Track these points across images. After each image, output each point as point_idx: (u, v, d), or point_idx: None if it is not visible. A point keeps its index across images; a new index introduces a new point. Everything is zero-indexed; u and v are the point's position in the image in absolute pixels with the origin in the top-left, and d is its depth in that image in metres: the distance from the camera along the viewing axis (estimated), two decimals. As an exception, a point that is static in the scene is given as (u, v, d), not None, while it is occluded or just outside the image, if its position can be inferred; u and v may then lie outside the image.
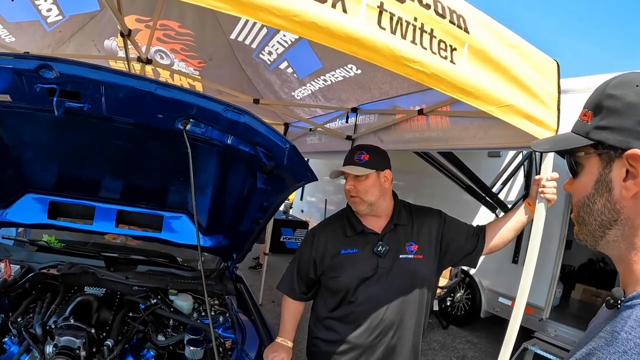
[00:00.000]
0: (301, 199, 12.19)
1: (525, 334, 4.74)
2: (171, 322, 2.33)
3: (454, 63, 1.41)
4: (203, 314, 2.47)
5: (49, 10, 3.56)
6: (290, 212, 12.19)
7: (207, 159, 2.19)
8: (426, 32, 1.36)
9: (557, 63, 1.89)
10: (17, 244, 2.99)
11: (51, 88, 1.54)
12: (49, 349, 1.82)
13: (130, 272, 2.67)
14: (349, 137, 4.05)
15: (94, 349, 1.90)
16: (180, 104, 1.63)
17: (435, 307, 6.34)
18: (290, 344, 2.09)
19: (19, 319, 2.11)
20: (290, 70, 3.59)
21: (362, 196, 1.94)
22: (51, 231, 3.07)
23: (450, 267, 5.83)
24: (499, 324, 5.21)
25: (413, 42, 1.32)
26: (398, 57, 1.31)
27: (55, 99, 1.55)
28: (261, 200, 2.24)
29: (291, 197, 16.02)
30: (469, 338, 5.96)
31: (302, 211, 11.68)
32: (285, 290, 2.16)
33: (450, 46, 1.41)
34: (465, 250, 2.05)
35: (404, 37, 1.31)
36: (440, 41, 1.39)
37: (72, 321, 1.90)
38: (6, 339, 1.98)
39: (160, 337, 2.15)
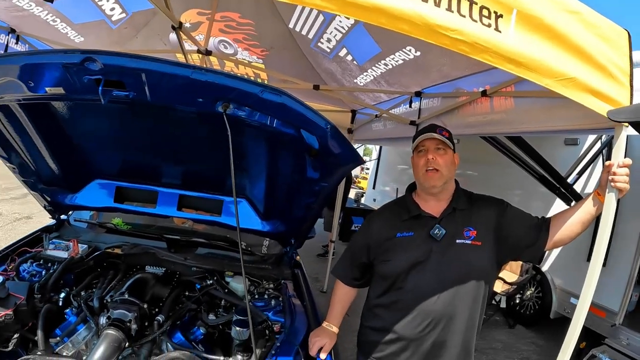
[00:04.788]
0: (373, 187, 12.08)
1: (596, 339, 4.36)
2: (223, 302, 2.39)
3: (499, 31, 1.28)
4: (257, 296, 2.51)
5: (112, 9, 3.79)
6: (362, 200, 12.15)
7: (256, 143, 2.20)
8: (464, -2, 1.25)
9: (629, 33, 1.63)
10: (87, 226, 3.20)
11: (98, 79, 1.61)
12: (102, 320, 1.93)
13: (190, 253, 2.77)
14: (412, 122, 3.95)
15: (146, 323, 1.99)
16: (217, 86, 1.63)
17: (503, 305, 6.03)
18: (335, 329, 2.06)
19: (82, 293, 2.28)
20: (349, 57, 3.55)
21: (442, 169, 1.85)
22: (119, 214, 3.25)
23: (521, 263, 5.57)
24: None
25: (449, 9, 1.22)
26: (431, 25, 1.21)
27: (100, 88, 1.62)
28: (312, 184, 2.21)
29: (364, 185, 16.00)
30: (534, 340, 5.60)
31: (375, 200, 11.52)
32: (337, 274, 2.15)
33: (495, 13, 1.29)
34: (527, 243, 1.87)
35: (437, 4, 1.21)
36: (482, 8, 1.27)
37: (126, 296, 2.01)
38: (67, 310, 2.16)
39: (211, 317, 2.22)
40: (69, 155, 2.57)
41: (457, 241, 1.84)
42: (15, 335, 1.91)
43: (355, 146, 15.13)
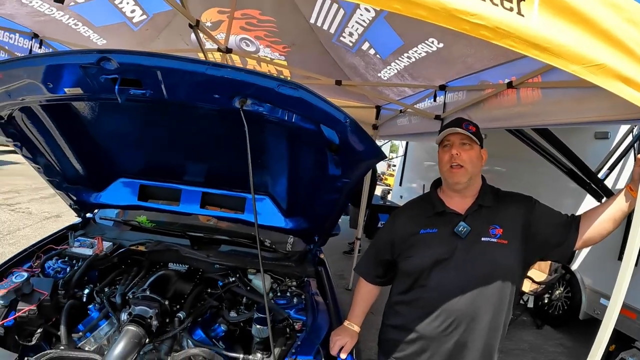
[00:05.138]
0: (400, 184, 11.96)
1: (626, 342, 4.18)
2: (244, 300, 2.38)
3: (522, 15, 1.21)
4: (279, 294, 2.49)
5: (133, 11, 3.84)
6: (389, 197, 12.05)
7: (276, 139, 2.18)
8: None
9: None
10: (113, 224, 3.26)
11: (114, 78, 1.61)
12: (123, 316, 1.96)
13: (213, 251, 2.78)
14: (437, 117, 3.86)
15: (167, 320, 1.99)
16: (232, 82, 1.61)
17: (531, 304, 5.87)
18: (356, 328, 2.02)
19: (105, 289, 2.31)
20: (372, 51, 3.50)
21: (466, 165, 1.79)
22: (143, 212, 3.29)
23: (550, 262, 5.40)
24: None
25: (466, -7, 1.15)
26: (450, 10, 1.15)
27: (117, 87, 1.62)
28: (334, 181, 2.17)
29: (391, 182, 15.92)
30: (562, 341, 5.42)
31: (401, 197, 11.36)
32: (360, 271, 2.11)
33: (517, -5, 1.21)
34: (555, 242, 1.78)
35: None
36: (503, -9, 1.20)
37: (148, 293, 2.03)
38: (90, 306, 2.19)
39: (233, 314, 2.21)
40: (92, 154, 2.61)
41: (483, 239, 1.77)
42: (39, 330, 1.94)
43: (381, 142, 15.07)
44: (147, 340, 1.80)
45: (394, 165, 16.95)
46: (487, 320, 1.77)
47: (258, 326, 1.93)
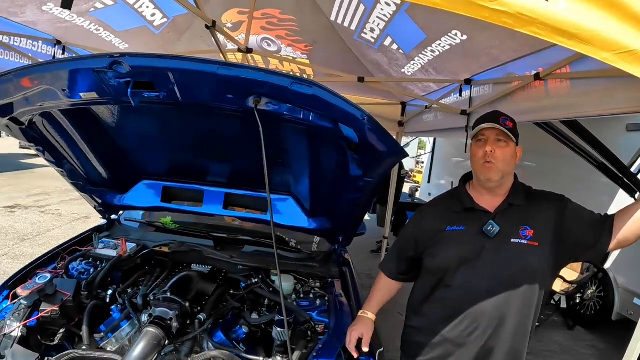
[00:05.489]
0: (428, 181, 11.78)
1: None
2: (266, 301, 2.34)
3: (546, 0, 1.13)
4: (302, 295, 2.45)
5: (153, 15, 3.85)
6: (417, 195, 11.92)
7: (296, 138, 2.14)
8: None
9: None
10: (137, 225, 3.29)
11: (128, 81, 1.61)
12: (144, 317, 1.96)
13: (236, 252, 2.76)
14: (463, 112, 3.74)
15: (188, 321, 1.98)
16: (245, 81, 1.58)
17: (563, 304, 5.68)
18: (370, 315, 1.95)
19: (128, 290, 2.32)
20: (395, 46, 3.42)
21: (499, 163, 1.69)
22: (168, 213, 3.30)
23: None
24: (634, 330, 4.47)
25: (485, -21, 1.08)
26: None
27: (129, 90, 1.62)
28: (356, 180, 2.12)
29: (419, 179, 15.77)
30: (594, 343, 5.20)
31: (430, 194, 11.14)
32: (383, 267, 2.05)
33: (541, -21, 1.14)
34: (588, 243, 1.68)
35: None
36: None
37: (168, 294, 2.02)
38: (113, 307, 2.20)
39: (254, 316, 2.18)
40: (115, 157, 2.63)
41: (512, 240, 1.69)
42: (61, 330, 1.97)
43: (408, 139, 14.90)
44: (167, 342, 1.80)
45: (423, 162, 16.75)
46: (514, 325, 1.70)
47: (278, 329, 1.90)
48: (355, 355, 1.81)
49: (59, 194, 10.22)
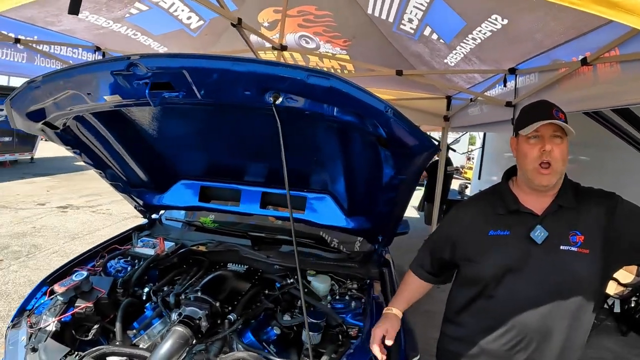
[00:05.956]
0: (479, 177, 11.39)
1: None
2: (299, 302, 2.28)
3: None
4: (337, 297, 2.38)
5: (189, 18, 3.89)
6: (467, 192, 11.61)
7: (325, 134, 2.08)
8: None
9: None
10: (178, 224, 3.36)
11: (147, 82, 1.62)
12: (174, 316, 1.95)
13: (273, 251, 2.74)
14: (509, 104, 3.54)
15: (219, 321, 1.96)
16: (260, 76, 1.54)
17: (617, 309, 5.31)
18: (395, 311, 1.81)
19: (164, 288, 2.34)
20: (435, 36, 3.29)
21: (557, 164, 1.51)
22: (207, 213, 3.35)
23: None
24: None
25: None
26: None
27: (147, 91, 1.61)
28: (389, 177, 2.03)
29: (470, 176, 15.35)
30: (650, 350, 4.80)
31: (480, 191, 10.89)
32: (413, 266, 1.90)
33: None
34: None
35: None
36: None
37: (199, 294, 2.00)
38: (147, 305, 2.22)
39: (286, 317, 2.13)
40: (151, 158, 2.67)
41: (561, 247, 1.51)
42: (95, 326, 2.00)
43: (457, 135, 14.46)
44: (195, 341, 1.78)
45: (474, 158, 16.24)
46: (560, 340, 1.53)
47: (309, 332, 1.83)
48: (379, 356, 1.67)
49: (109, 195, 10.61)
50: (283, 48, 3.63)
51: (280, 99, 1.56)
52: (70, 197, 10.33)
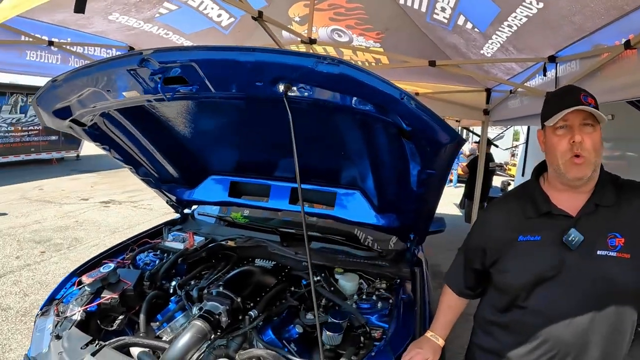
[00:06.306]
0: (523, 174, 10.95)
1: None
2: (323, 301, 2.24)
3: None
4: (364, 296, 2.31)
5: (219, 15, 3.88)
6: (509, 189, 11.25)
7: (350, 128, 2.01)
8: None
9: None
10: (209, 219, 3.39)
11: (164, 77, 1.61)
12: (195, 310, 1.95)
13: (302, 248, 2.67)
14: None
15: (240, 317, 1.94)
16: (268, 65, 1.48)
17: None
18: (440, 342, 1.71)
19: (191, 282, 2.36)
20: (469, 25, 3.14)
21: (590, 155, 1.36)
22: (240, 209, 3.38)
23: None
24: None
25: None
26: None
27: (159, 86, 1.61)
28: (417, 172, 1.93)
29: (514, 172, 14.85)
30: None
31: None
32: (448, 280, 1.77)
33: None
34: None
35: None
36: None
37: (221, 289, 1.99)
38: (173, 298, 2.24)
39: (309, 316, 2.08)
40: (180, 153, 2.69)
41: (599, 252, 1.36)
42: (120, 317, 2.04)
43: (499, 130, 13.94)
44: (212, 336, 1.77)
45: (518, 155, 15.70)
46: (598, 353, 1.39)
47: (329, 333, 1.78)
48: None
49: (151, 191, 10.97)
50: (312, 41, 3.57)
51: (293, 90, 1.51)
52: (113, 193, 10.74)
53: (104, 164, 15.93)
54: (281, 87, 1.50)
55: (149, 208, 9.14)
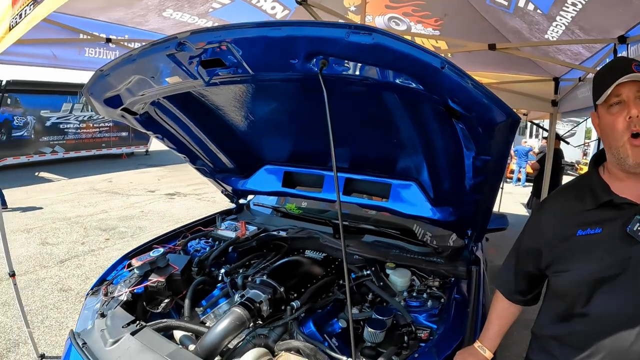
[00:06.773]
0: None
1: None
2: (370, 296, 2.16)
3: None
4: (414, 294, 2.18)
5: (273, 8, 3.85)
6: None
7: (398, 112, 1.90)
8: None
9: None
10: (263, 210, 3.42)
11: (202, 60, 1.59)
12: (236, 297, 1.95)
13: (354, 240, 2.64)
14: (621, 81, 2.98)
15: (282, 307, 1.91)
16: (298, 39, 1.40)
17: None
18: (488, 355, 1.55)
19: (240, 270, 2.37)
20: (531, 6, 2.89)
21: None
22: (294, 200, 3.37)
23: None
24: None
25: None
26: None
27: (196, 69, 1.59)
28: (472, 159, 1.78)
29: (585, 172, 13.81)
30: None
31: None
32: (498, 284, 1.61)
33: None
34: None
35: None
36: None
37: (265, 277, 1.97)
38: (219, 285, 2.27)
39: (354, 310, 2.01)
40: (232, 141, 2.70)
41: None
42: (166, 300, 2.08)
43: (571, 125, 12.96)
44: (251, 323, 1.75)
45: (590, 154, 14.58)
46: None
47: (370, 330, 1.69)
48: None
49: (213, 183, 11.40)
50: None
51: (332, 68, 1.42)
52: (178, 186, 11.21)
53: (172, 159, 16.66)
54: (315, 64, 1.42)
55: (213, 200, 9.42)
